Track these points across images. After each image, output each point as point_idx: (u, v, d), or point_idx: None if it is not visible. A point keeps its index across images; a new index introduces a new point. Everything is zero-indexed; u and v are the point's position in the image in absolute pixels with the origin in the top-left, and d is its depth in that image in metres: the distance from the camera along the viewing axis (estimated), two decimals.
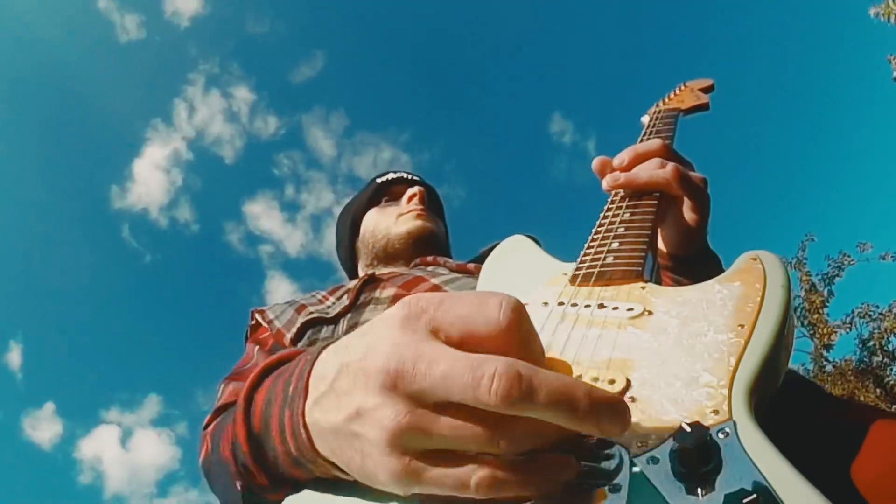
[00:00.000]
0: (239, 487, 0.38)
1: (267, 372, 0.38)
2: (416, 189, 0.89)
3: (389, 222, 0.88)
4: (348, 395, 0.27)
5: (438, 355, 0.24)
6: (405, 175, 0.95)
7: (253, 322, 0.75)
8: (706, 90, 0.79)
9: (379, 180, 0.94)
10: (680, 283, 0.60)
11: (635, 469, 0.27)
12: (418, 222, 0.86)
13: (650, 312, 0.40)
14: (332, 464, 0.31)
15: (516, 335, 0.26)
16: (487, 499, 0.25)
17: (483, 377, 0.23)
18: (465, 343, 0.26)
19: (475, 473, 0.24)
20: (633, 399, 0.32)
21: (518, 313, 0.26)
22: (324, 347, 0.32)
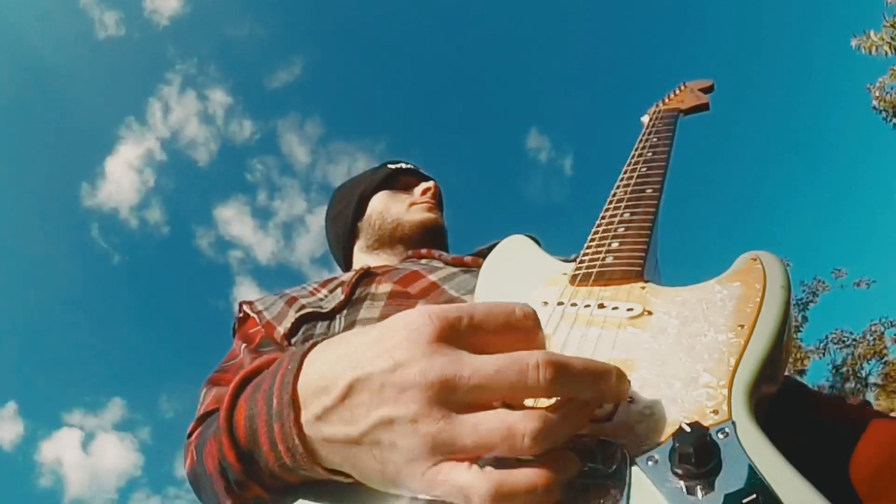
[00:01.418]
0: (229, 502, 0.37)
1: (243, 384, 0.37)
2: (431, 183, 0.90)
3: (401, 209, 0.87)
4: (371, 407, 0.28)
5: (480, 361, 0.27)
6: (419, 168, 0.96)
7: (241, 314, 0.73)
8: (706, 90, 0.79)
9: (392, 166, 0.94)
10: None
11: (635, 469, 0.28)
12: (431, 215, 0.87)
13: (650, 312, 0.40)
14: (332, 470, 0.31)
15: (537, 334, 0.30)
16: None
17: (529, 368, 0.27)
18: (491, 349, 0.29)
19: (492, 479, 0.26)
20: (632, 399, 0.32)
21: (537, 316, 0.30)
22: (304, 355, 0.32)
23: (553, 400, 0.29)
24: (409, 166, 0.95)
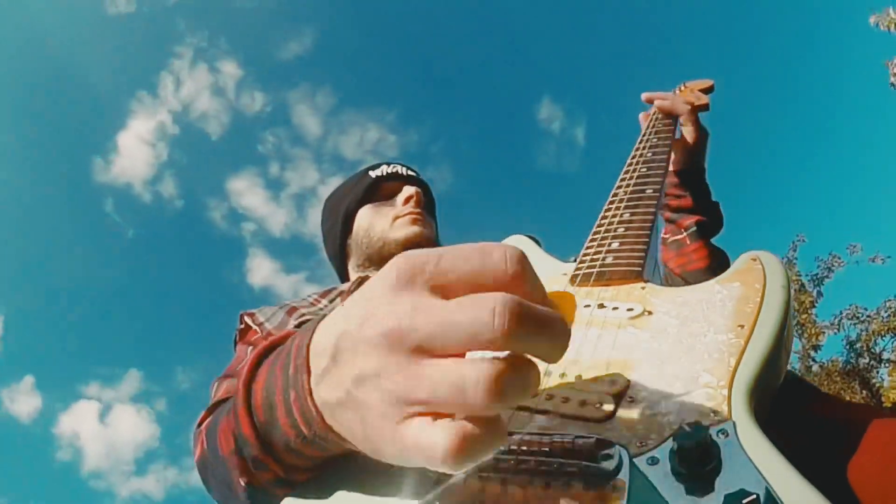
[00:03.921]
0: (243, 483, 0.36)
1: (260, 360, 0.36)
2: (412, 190, 0.87)
3: (385, 225, 0.86)
4: (349, 365, 0.26)
5: (436, 307, 0.24)
6: (400, 170, 0.93)
7: (242, 326, 0.74)
8: (706, 90, 0.79)
9: (373, 174, 0.91)
10: (681, 198, 0.79)
11: (635, 469, 0.28)
12: (415, 228, 0.84)
13: (650, 312, 0.40)
14: (343, 438, 0.30)
15: (523, 285, 0.25)
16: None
17: (485, 314, 0.23)
18: (464, 293, 0.25)
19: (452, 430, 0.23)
20: (632, 399, 0.32)
21: (523, 263, 0.25)
22: (320, 320, 0.31)
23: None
24: (391, 170, 0.92)
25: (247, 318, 0.73)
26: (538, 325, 0.23)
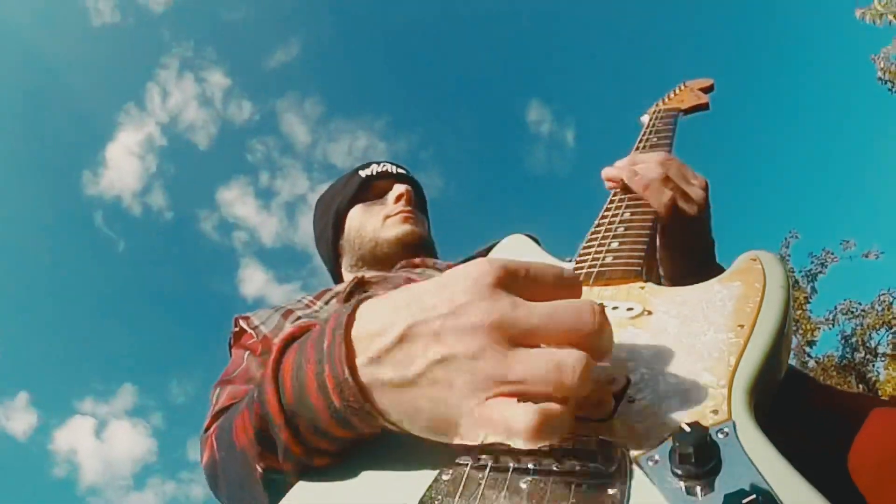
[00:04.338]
0: (261, 469, 0.36)
1: (287, 344, 0.36)
2: (403, 188, 0.86)
3: (376, 224, 0.85)
4: (429, 347, 0.28)
5: (535, 306, 0.29)
6: (390, 169, 0.91)
7: (237, 329, 0.73)
8: (706, 90, 0.79)
9: (363, 173, 0.90)
10: None
11: (635, 469, 0.28)
12: (407, 227, 0.84)
13: (650, 312, 0.40)
14: (382, 416, 0.30)
15: (580, 294, 0.32)
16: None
17: (584, 313, 0.29)
18: (542, 300, 0.30)
19: (534, 413, 0.27)
20: (632, 399, 0.32)
21: (579, 279, 0.33)
22: (358, 304, 0.33)
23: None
24: (381, 169, 0.91)
25: (241, 322, 0.73)
26: (610, 328, 0.30)
